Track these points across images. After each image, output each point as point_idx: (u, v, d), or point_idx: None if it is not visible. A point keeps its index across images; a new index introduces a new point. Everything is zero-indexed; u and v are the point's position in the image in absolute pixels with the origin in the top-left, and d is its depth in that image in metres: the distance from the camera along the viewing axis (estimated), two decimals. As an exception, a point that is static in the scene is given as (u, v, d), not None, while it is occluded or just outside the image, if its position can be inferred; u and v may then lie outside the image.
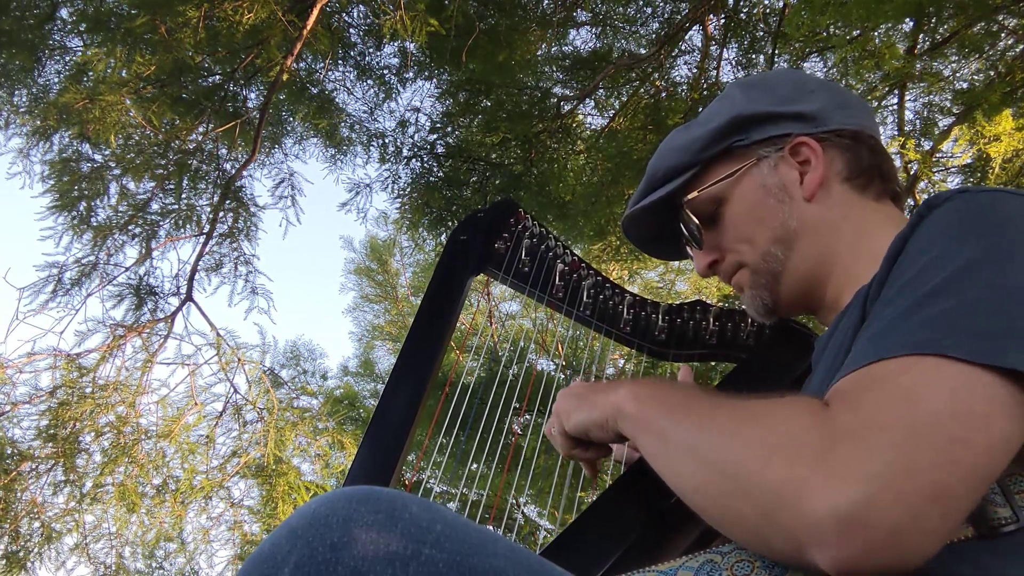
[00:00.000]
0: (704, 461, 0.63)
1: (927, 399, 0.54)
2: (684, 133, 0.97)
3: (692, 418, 0.68)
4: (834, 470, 0.53)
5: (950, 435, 0.52)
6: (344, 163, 4.50)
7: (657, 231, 1.04)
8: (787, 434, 0.58)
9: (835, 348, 0.74)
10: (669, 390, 0.75)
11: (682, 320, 1.14)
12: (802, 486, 0.54)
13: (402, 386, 1.04)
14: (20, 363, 3.84)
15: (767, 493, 0.56)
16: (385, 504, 0.56)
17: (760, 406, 0.64)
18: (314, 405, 4.74)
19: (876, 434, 0.54)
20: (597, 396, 0.83)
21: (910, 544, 0.51)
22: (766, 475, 0.57)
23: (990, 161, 3.10)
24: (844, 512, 0.51)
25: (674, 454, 0.67)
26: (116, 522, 4.07)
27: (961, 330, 0.56)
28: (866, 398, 0.57)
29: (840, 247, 0.88)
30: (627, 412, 0.76)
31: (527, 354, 3.64)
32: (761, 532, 0.58)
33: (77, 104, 3.40)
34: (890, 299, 0.64)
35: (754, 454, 0.59)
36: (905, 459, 0.52)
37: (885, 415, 0.54)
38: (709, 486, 0.62)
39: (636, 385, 0.78)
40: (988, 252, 0.61)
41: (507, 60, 3.72)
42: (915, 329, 0.58)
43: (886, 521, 0.51)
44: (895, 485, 0.51)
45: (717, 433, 0.64)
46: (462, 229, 1.18)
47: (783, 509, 0.55)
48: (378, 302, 7.80)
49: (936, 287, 0.60)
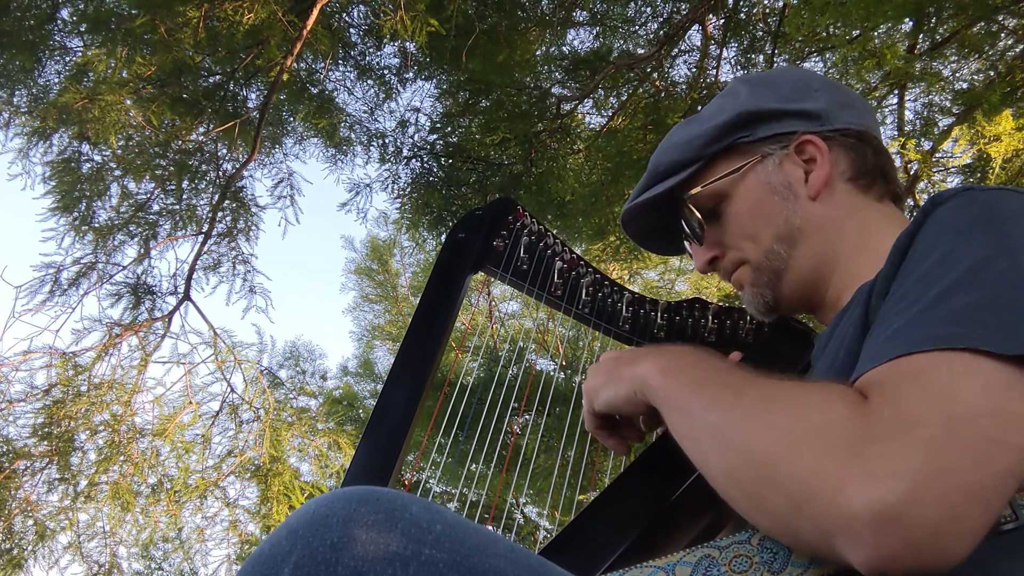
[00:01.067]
0: (731, 445, 0.62)
1: (962, 396, 0.53)
2: (687, 128, 0.96)
3: (718, 397, 0.66)
4: (872, 465, 0.52)
5: (988, 434, 0.52)
6: (344, 163, 4.51)
7: (657, 226, 1.03)
8: (821, 423, 0.57)
9: (836, 346, 0.74)
10: (696, 363, 0.73)
11: (681, 318, 1.13)
12: (838, 479, 0.53)
13: (401, 385, 1.04)
14: (15, 361, 3.84)
15: (799, 483, 0.55)
16: (385, 504, 0.56)
17: (791, 389, 0.63)
18: (312, 405, 4.74)
19: (912, 430, 0.53)
20: (623, 369, 0.81)
21: (948, 543, 0.51)
22: (798, 465, 0.55)
23: (990, 161, 3.10)
24: (882, 509, 0.50)
25: (700, 435, 0.66)
26: (110, 521, 4.07)
27: (987, 324, 0.56)
28: (901, 391, 0.56)
29: (843, 246, 0.87)
30: (652, 385, 0.74)
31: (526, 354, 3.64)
32: (791, 523, 0.56)
33: (77, 104, 3.40)
34: (905, 293, 0.63)
35: (785, 442, 0.57)
36: (943, 457, 0.51)
37: (923, 411, 0.53)
38: (737, 471, 0.61)
39: (662, 355, 0.76)
40: (1000, 246, 0.61)
41: (507, 60, 3.72)
42: (942, 323, 0.58)
43: (926, 520, 0.50)
44: (935, 483, 0.50)
45: (744, 416, 0.62)
46: (460, 227, 1.18)
47: (816, 501, 0.54)
48: (378, 302, 7.80)
49: (956, 281, 0.60)
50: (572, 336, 3.81)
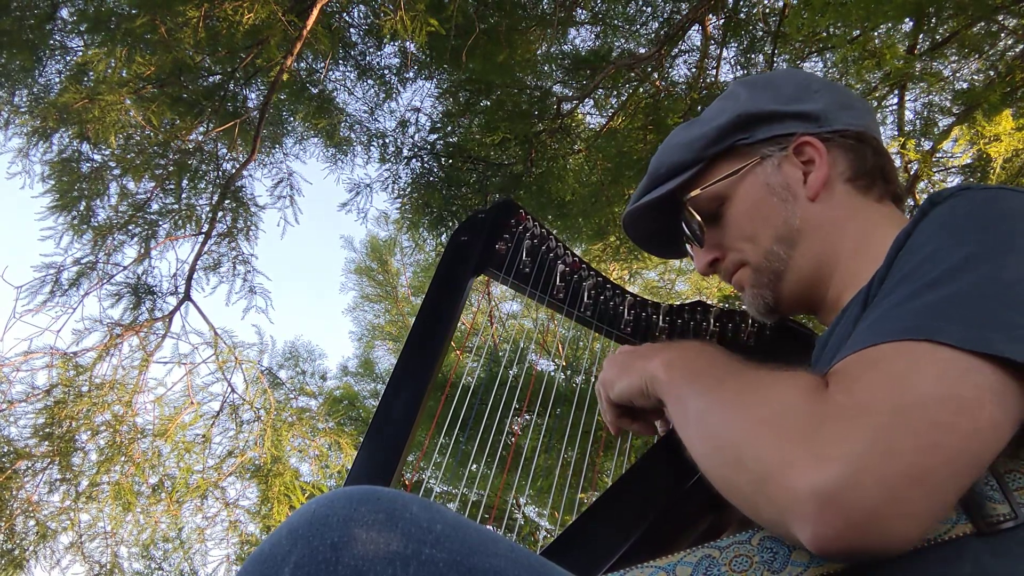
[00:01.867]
0: (709, 430, 0.66)
1: (914, 383, 0.55)
2: (687, 130, 0.97)
3: (705, 386, 0.70)
4: (818, 448, 0.55)
5: (934, 419, 0.53)
6: (344, 163, 4.51)
7: (658, 229, 1.03)
8: (780, 409, 0.60)
9: (834, 347, 0.75)
10: (696, 356, 0.77)
11: (683, 321, 1.14)
12: (789, 460, 0.56)
13: (403, 386, 1.04)
14: (16, 361, 3.84)
15: (758, 465, 0.58)
16: (386, 504, 0.56)
17: (765, 377, 0.66)
18: (312, 405, 4.74)
19: (862, 415, 0.55)
20: (636, 362, 0.84)
21: (891, 526, 0.52)
22: (757, 448, 0.59)
23: (990, 161, 3.10)
24: (823, 490, 0.53)
25: (690, 421, 0.70)
26: (111, 521, 4.07)
27: (954, 318, 0.57)
28: (858, 378, 0.58)
29: (843, 247, 0.88)
30: (659, 378, 0.78)
31: (527, 355, 3.64)
32: (753, 502, 0.60)
33: (76, 104, 3.40)
34: (889, 291, 0.65)
35: (749, 426, 0.61)
36: (887, 441, 0.53)
37: (873, 397, 0.55)
38: (712, 453, 0.65)
39: (671, 350, 0.80)
40: (987, 246, 0.62)
41: (507, 60, 3.72)
42: (910, 316, 0.60)
43: (865, 502, 0.52)
44: (876, 466, 0.52)
45: (721, 403, 0.66)
46: (463, 230, 1.18)
47: (771, 482, 0.57)
48: (378, 302, 7.80)
49: (934, 278, 0.61)
50: (572, 337, 3.81)
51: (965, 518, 0.59)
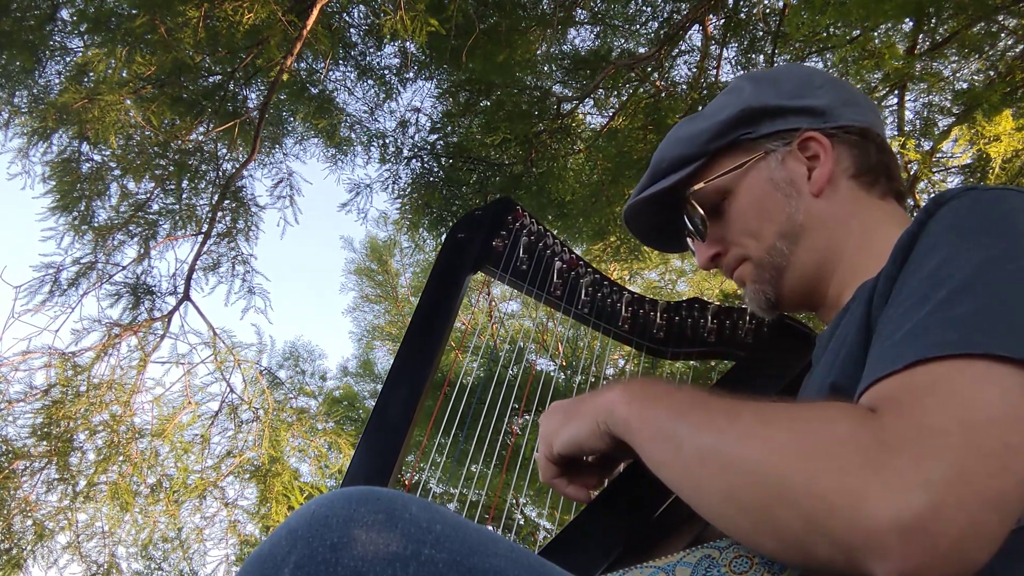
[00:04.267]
0: (731, 467, 0.59)
1: (982, 404, 0.53)
2: (691, 124, 0.96)
3: (709, 420, 0.64)
4: (892, 478, 0.51)
5: (1007, 441, 0.52)
6: (344, 163, 4.51)
7: (659, 223, 1.03)
8: (832, 439, 0.56)
9: (837, 345, 0.74)
10: (669, 391, 0.71)
11: (680, 318, 1.13)
12: (859, 493, 0.52)
13: (401, 385, 1.03)
14: (15, 361, 3.84)
15: (817, 502, 0.53)
16: (385, 504, 0.56)
17: (790, 409, 0.61)
18: (312, 405, 4.74)
19: (932, 440, 0.52)
20: (582, 406, 0.79)
21: (971, 551, 0.50)
22: (815, 483, 0.54)
23: (990, 161, 3.10)
24: (907, 521, 0.50)
25: (690, 462, 0.63)
26: (109, 521, 4.07)
27: (1000, 329, 0.56)
28: (918, 403, 0.55)
29: (846, 244, 0.87)
30: (620, 414, 0.72)
31: (526, 354, 3.63)
32: (804, 542, 0.55)
33: (76, 104, 3.40)
34: (911, 294, 0.62)
35: (797, 460, 0.56)
36: (964, 466, 0.51)
37: (939, 420, 0.53)
38: (739, 493, 0.59)
39: (627, 386, 0.74)
40: (1005, 248, 0.61)
41: (507, 60, 3.72)
42: (953, 327, 0.57)
43: (950, 529, 0.50)
44: (956, 492, 0.50)
45: (746, 437, 0.60)
46: (460, 227, 1.18)
47: (836, 518, 0.52)
48: (378, 302, 7.80)
49: (963, 283, 0.59)
50: (572, 336, 3.81)
51: None
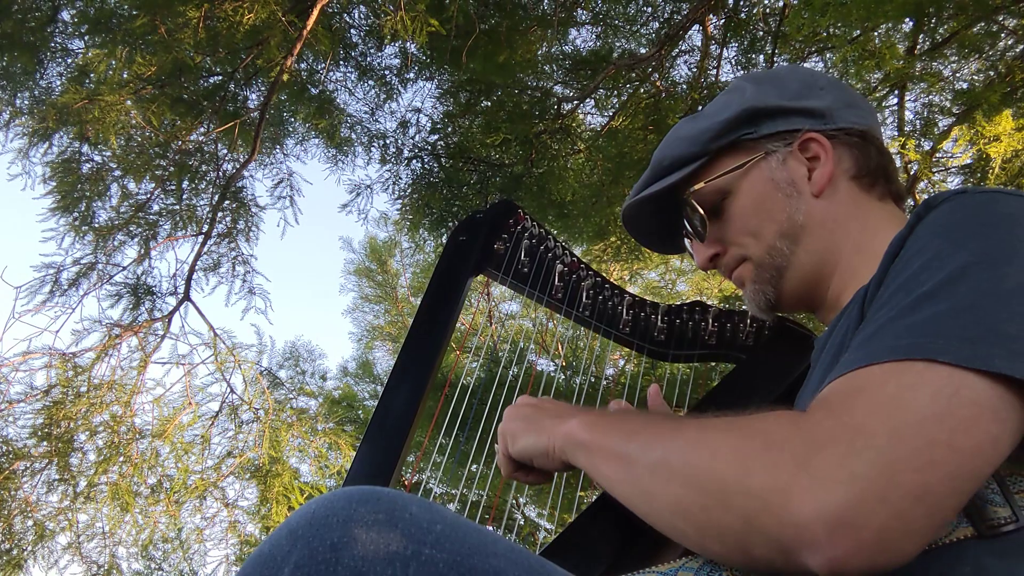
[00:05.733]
0: (676, 475, 0.62)
1: (909, 403, 0.54)
2: (692, 123, 0.96)
3: (657, 437, 0.66)
4: (818, 473, 0.54)
5: (932, 437, 0.53)
6: (345, 164, 4.51)
7: (658, 223, 1.03)
8: (765, 441, 0.58)
9: (834, 347, 0.74)
10: (622, 417, 0.75)
11: (681, 321, 1.14)
12: (787, 491, 0.54)
13: (402, 386, 1.04)
14: (15, 361, 3.84)
15: (750, 501, 0.56)
16: (385, 504, 0.56)
17: (732, 420, 0.63)
18: (312, 406, 4.74)
19: (858, 437, 0.54)
20: (545, 422, 0.81)
21: (897, 543, 0.52)
22: (748, 483, 0.57)
23: (990, 161, 3.10)
24: (831, 514, 0.52)
25: (641, 476, 0.65)
26: (110, 521, 4.07)
27: (950, 335, 0.56)
28: (849, 403, 0.57)
29: (845, 244, 0.87)
30: (581, 440, 0.75)
31: (527, 355, 3.64)
32: (743, 541, 0.57)
33: (77, 104, 3.40)
34: (884, 302, 0.64)
35: (732, 463, 0.58)
36: (887, 461, 0.52)
37: (867, 419, 0.55)
38: (685, 502, 0.61)
39: (586, 414, 0.77)
40: (985, 254, 0.60)
41: (507, 60, 3.72)
42: (904, 333, 0.58)
43: (873, 521, 0.51)
44: (879, 486, 0.52)
45: (688, 447, 0.62)
46: (462, 230, 1.18)
47: (768, 515, 0.55)
48: (378, 303, 7.80)
49: (930, 290, 0.60)
50: (572, 336, 3.81)
51: (966, 522, 0.58)
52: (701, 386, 1.27)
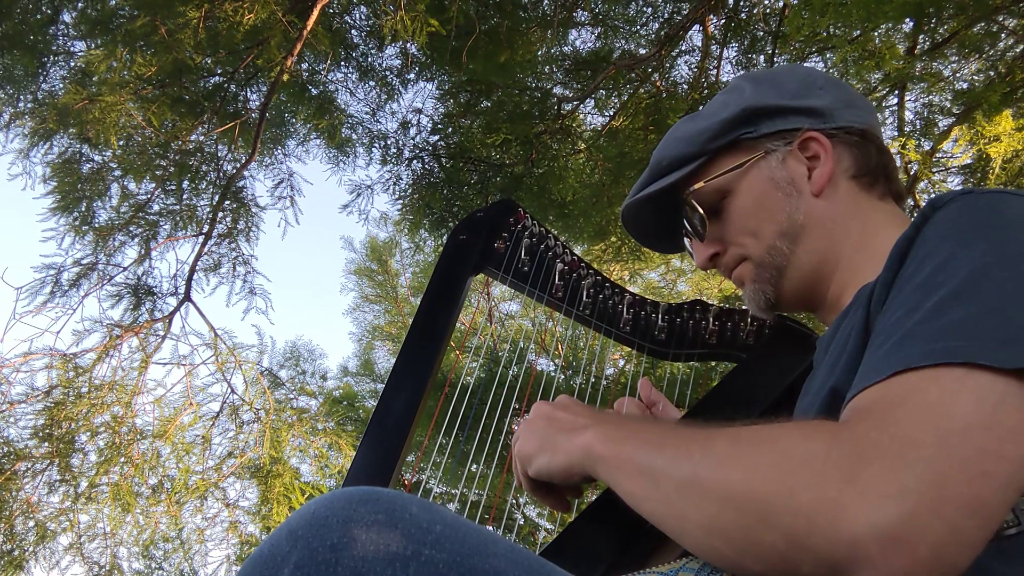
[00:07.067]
0: (710, 496, 0.59)
1: (956, 411, 0.53)
2: (691, 123, 0.96)
3: (684, 451, 0.63)
4: (868, 488, 0.52)
5: (982, 447, 0.52)
6: (346, 164, 4.51)
7: (657, 222, 1.03)
8: (806, 456, 0.56)
9: (838, 348, 0.74)
10: (641, 426, 0.72)
11: (682, 320, 1.13)
12: (836, 508, 0.52)
13: (402, 386, 1.04)
14: (16, 362, 3.84)
15: (796, 519, 0.54)
16: (385, 505, 0.56)
17: (764, 431, 0.61)
18: (312, 406, 4.74)
19: (907, 449, 0.52)
20: (559, 438, 0.77)
21: (951, 557, 0.51)
22: (792, 501, 0.54)
23: (990, 161, 3.10)
24: (885, 530, 0.50)
25: (670, 494, 0.62)
26: (111, 522, 4.07)
27: (984, 336, 0.55)
28: (892, 413, 0.55)
29: (845, 244, 0.87)
30: (599, 454, 0.71)
31: (527, 354, 3.64)
32: (788, 560, 0.55)
33: (77, 105, 3.41)
34: (904, 302, 0.62)
35: (773, 480, 0.56)
36: (938, 473, 0.51)
37: (914, 429, 0.53)
38: (721, 521, 0.58)
39: (603, 424, 0.74)
40: (1000, 254, 0.60)
41: (508, 61, 3.72)
42: (936, 336, 0.57)
43: (928, 536, 0.50)
44: (931, 499, 0.50)
45: (721, 463, 0.60)
46: (462, 229, 1.18)
47: (816, 533, 0.53)
48: (378, 302, 7.80)
49: (954, 291, 0.59)
50: (572, 336, 3.81)
51: None
52: (701, 386, 1.27)
